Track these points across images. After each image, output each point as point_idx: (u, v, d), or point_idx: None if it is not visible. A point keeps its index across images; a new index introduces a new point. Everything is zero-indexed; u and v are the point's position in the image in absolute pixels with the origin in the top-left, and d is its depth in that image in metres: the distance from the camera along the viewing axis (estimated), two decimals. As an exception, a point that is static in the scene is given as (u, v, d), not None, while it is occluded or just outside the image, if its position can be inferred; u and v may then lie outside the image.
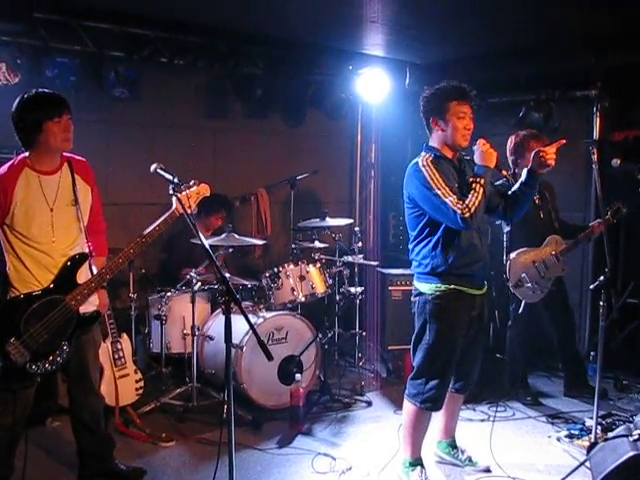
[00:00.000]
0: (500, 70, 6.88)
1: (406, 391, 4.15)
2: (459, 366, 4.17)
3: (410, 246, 4.12)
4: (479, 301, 4.05)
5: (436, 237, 3.92)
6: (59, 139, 3.55)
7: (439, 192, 3.75)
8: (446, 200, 3.72)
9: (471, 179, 3.84)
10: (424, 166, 3.85)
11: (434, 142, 4.00)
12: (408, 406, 4.13)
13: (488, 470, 4.38)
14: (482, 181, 3.77)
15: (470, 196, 3.74)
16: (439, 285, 3.93)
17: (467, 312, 4.00)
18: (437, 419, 4.44)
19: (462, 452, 4.49)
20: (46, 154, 3.61)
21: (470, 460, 4.44)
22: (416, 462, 4.17)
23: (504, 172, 4.03)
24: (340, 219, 6.48)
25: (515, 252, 5.39)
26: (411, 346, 4.13)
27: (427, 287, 3.98)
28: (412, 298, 4.14)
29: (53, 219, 3.61)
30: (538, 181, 3.99)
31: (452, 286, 3.92)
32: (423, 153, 3.97)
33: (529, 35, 6.00)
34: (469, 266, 3.94)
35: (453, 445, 4.52)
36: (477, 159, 3.88)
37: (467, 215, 3.67)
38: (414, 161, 3.95)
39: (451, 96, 3.88)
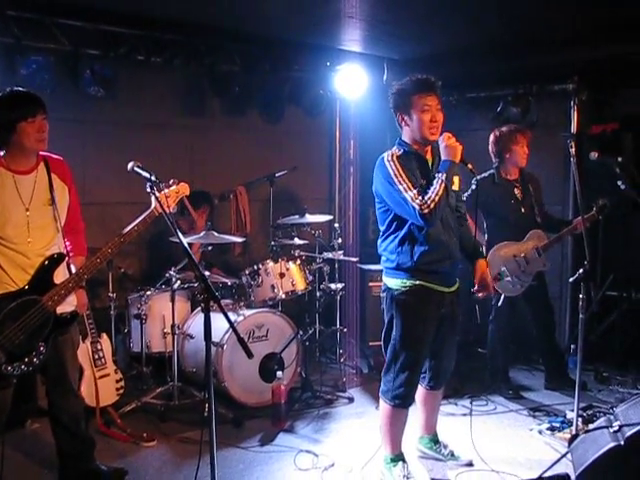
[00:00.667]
0: (478, 65, 6.89)
1: (380, 388, 4.15)
2: (432, 363, 4.18)
3: (379, 241, 4.11)
4: (449, 298, 4.02)
5: (403, 232, 3.90)
6: (33, 139, 3.50)
7: (400, 187, 3.73)
8: (406, 195, 3.70)
9: (435, 175, 3.83)
10: (388, 161, 3.84)
11: (405, 137, 3.98)
12: (382, 404, 4.14)
13: (470, 464, 4.39)
14: (443, 177, 3.74)
15: (429, 192, 3.71)
16: (405, 281, 3.91)
17: (435, 309, 3.97)
18: (417, 415, 4.45)
19: (444, 447, 4.49)
20: (20, 154, 3.56)
21: (452, 454, 4.45)
22: (397, 458, 4.17)
23: (469, 165, 3.99)
24: (319, 216, 6.46)
25: (496, 245, 5.40)
26: (382, 342, 4.13)
27: (394, 282, 3.96)
28: (381, 294, 4.12)
29: (29, 219, 3.56)
30: None
31: (418, 282, 3.89)
32: (394, 148, 3.96)
33: (506, 30, 6.01)
34: (437, 262, 3.90)
35: (435, 440, 4.52)
36: (442, 154, 3.86)
37: (426, 211, 3.65)
38: (381, 156, 3.93)
39: (413, 90, 3.85)
